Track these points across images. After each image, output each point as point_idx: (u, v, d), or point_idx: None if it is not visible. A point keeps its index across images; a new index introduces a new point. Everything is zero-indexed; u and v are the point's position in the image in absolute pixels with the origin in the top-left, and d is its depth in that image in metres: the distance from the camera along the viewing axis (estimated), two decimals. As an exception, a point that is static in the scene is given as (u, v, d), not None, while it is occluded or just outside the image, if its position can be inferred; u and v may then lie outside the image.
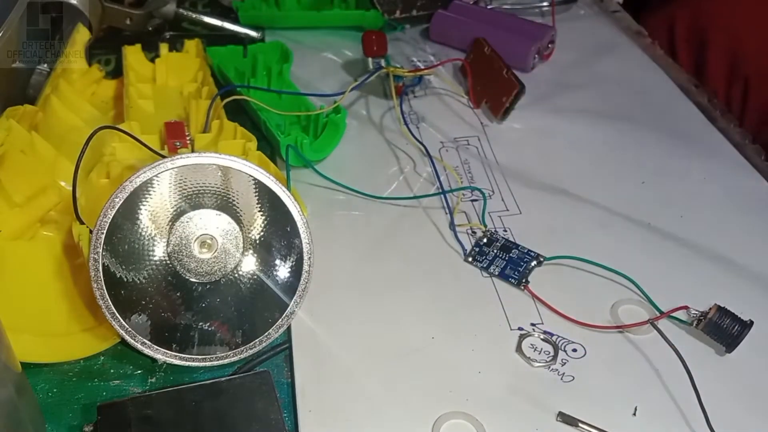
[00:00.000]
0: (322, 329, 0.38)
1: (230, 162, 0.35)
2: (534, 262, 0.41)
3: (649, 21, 0.72)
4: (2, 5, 0.47)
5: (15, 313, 0.35)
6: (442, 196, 0.46)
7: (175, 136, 0.43)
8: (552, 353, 0.37)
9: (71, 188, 0.37)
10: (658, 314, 0.38)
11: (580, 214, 0.46)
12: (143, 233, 0.35)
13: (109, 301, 0.34)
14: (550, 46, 0.61)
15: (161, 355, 0.35)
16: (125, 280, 0.35)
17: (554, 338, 0.38)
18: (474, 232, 0.44)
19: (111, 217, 0.34)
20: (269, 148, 0.49)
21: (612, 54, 0.64)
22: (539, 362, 0.36)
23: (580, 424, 0.33)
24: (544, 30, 0.61)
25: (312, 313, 0.38)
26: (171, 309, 0.36)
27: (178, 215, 0.36)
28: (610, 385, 0.36)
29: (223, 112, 0.47)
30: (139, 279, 0.35)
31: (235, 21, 0.63)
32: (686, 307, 0.38)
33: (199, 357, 0.35)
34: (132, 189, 0.34)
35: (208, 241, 0.36)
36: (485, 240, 0.43)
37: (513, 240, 0.43)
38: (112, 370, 0.36)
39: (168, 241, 0.36)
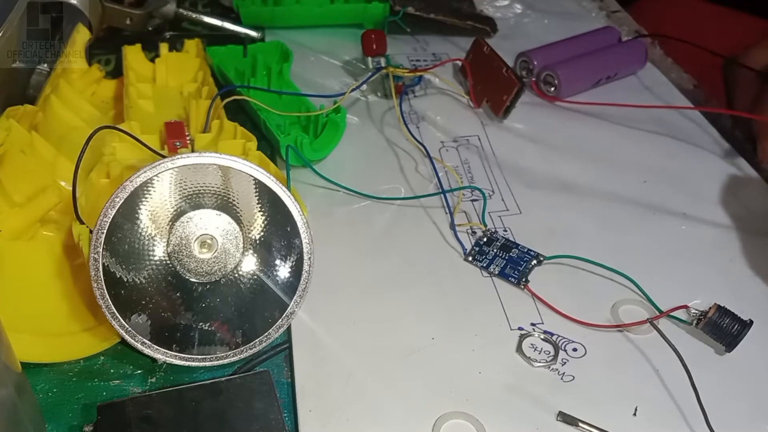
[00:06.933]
0: (322, 329, 0.38)
1: (230, 162, 0.35)
2: (534, 262, 0.41)
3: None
4: (2, 5, 0.47)
5: (15, 313, 0.35)
6: (442, 195, 0.46)
7: (175, 136, 0.43)
8: (552, 353, 0.37)
9: (71, 188, 0.37)
10: (658, 314, 0.38)
11: (580, 213, 0.46)
12: (143, 233, 0.35)
13: (109, 301, 0.34)
14: None
15: (161, 355, 0.35)
16: (125, 280, 0.35)
17: (554, 338, 0.38)
18: (474, 232, 0.44)
19: (111, 216, 0.34)
20: (269, 148, 0.49)
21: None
22: (539, 362, 0.36)
23: (580, 424, 0.33)
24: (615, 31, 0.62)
25: (312, 313, 0.38)
26: (171, 309, 0.36)
27: (178, 215, 0.36)
28: (610, 385, 0.36)
29: (223, 112, 0.47)
30: (139, 279, 0.35)
31: (235, 21, 0.63)
32: (686, 307, 0.38)
33: (199, 357, 0.35)
34: (132, 188, 0.34)
35: (208, 241, 0.36)
36: (485, 239, 0.43)
37: (513, 239, 0.43)
38: (112, 370, 0.36)
39: (168, 241, 0.36)
